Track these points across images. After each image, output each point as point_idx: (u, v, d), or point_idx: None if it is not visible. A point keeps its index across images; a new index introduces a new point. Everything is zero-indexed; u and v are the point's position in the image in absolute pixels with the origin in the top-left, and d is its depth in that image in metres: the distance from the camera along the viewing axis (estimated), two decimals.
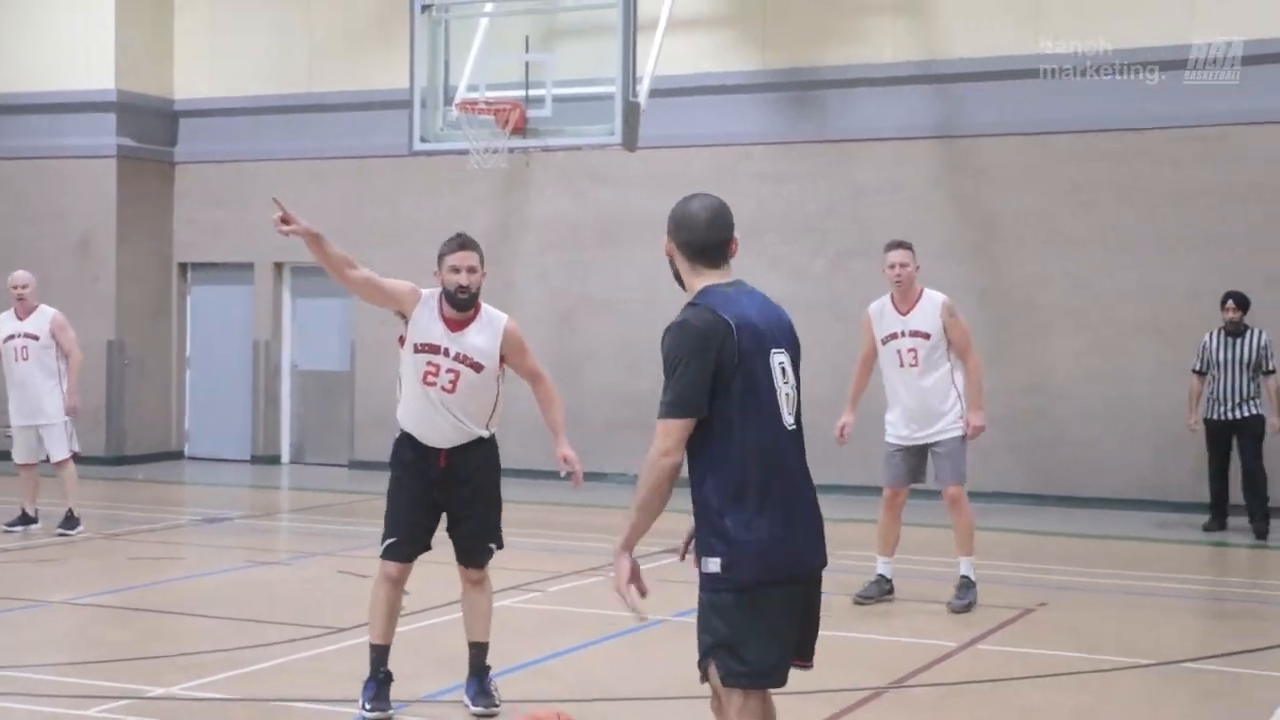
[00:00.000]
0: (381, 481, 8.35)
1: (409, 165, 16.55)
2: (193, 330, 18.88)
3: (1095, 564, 11.21)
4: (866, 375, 9.58)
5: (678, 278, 4.70)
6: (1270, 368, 12.88)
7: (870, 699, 6.96)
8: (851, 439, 9.38)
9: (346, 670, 7.60)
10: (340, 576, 10.47)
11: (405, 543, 6.70)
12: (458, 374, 6.59)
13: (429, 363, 6.60)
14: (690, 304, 4.51)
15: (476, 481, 6.71)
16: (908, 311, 9.28)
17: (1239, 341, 12.92)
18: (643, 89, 13.38)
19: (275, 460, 18.28)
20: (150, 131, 18.31)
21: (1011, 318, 14.72)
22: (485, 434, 6.73)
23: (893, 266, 9.24)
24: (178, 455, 18.67)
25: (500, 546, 6.89)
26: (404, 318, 6.69)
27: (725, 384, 4.31)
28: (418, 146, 14.19)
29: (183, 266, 18.82)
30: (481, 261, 6.70)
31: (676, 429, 4.32)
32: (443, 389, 6.58)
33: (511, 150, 13.96)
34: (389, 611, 6.74)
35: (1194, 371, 13.15)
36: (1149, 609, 9.72)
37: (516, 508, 11.68)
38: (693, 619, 4.48)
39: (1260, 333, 12.94)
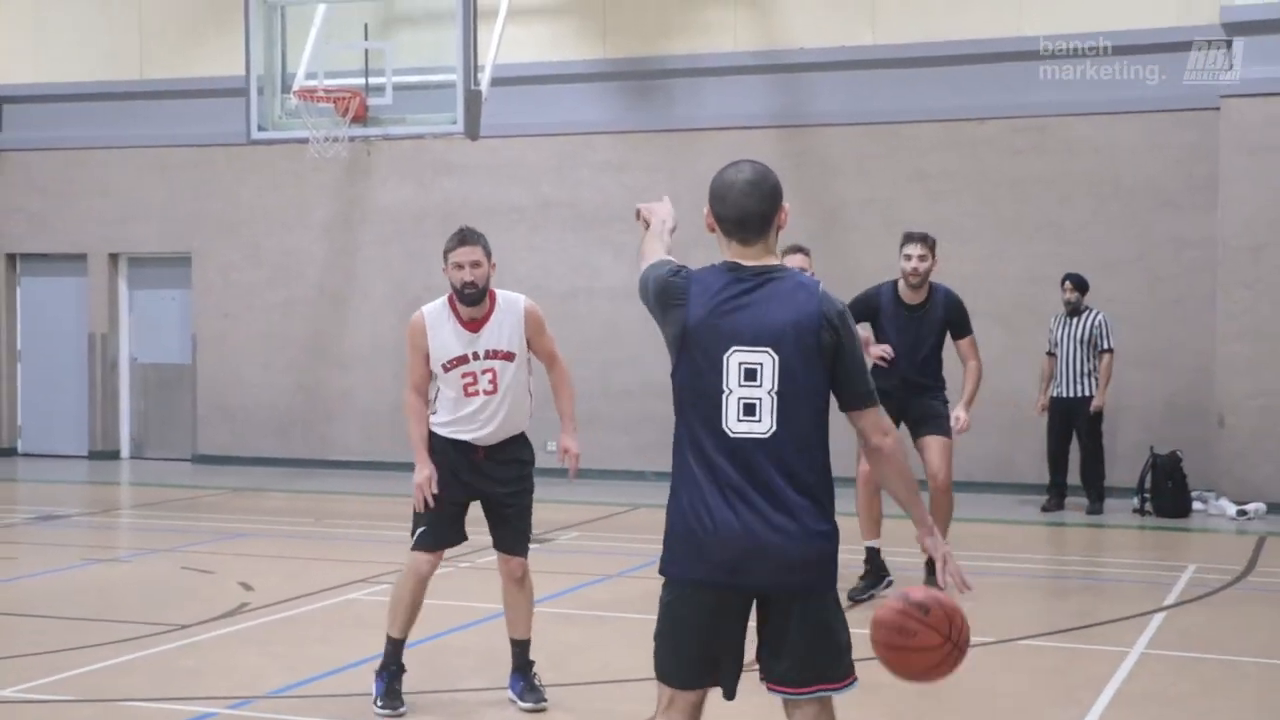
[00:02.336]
0: (226, 475, 8.20)
1: (247, 154, 16.26)
2: (23, 323, 18.31)
3: None
4: None
5: None
6: (1106, 346, 13.28)
7: None
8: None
9: (192, 666, 7.47)
10: (184, 573, 10.25)
11: (435, 530, 6.55)
12: (494, 371, 6.48)
13: (464, 374, 6.47)
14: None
15: (514, 470, 6.59)
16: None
17: (1076, 321, 13.32)
18: (484, 77, 13.33)
19: (114, 455, 17.82)
20: None
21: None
22: (526, 424, 6.65)
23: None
24: (9, 452, 18.11)
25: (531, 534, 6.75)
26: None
27: (675, 362, 4.09)
28: (256, 135, 13.97)
29: (10, 258, 18.26)
30: (487, 254, 6.45)
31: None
32: (485, 392, 6.47)
33: (352, 139, 13.81)
34: (413, 604, 6.59)
35: (1046, 353, 13.54)
36: (991, 588, 9.92)
37: (359, 500, 11.52)
38: (542, 608, 4.45)
39: (1097, 313, 13.34)
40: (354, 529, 12.30)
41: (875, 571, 9.17)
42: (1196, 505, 13.27)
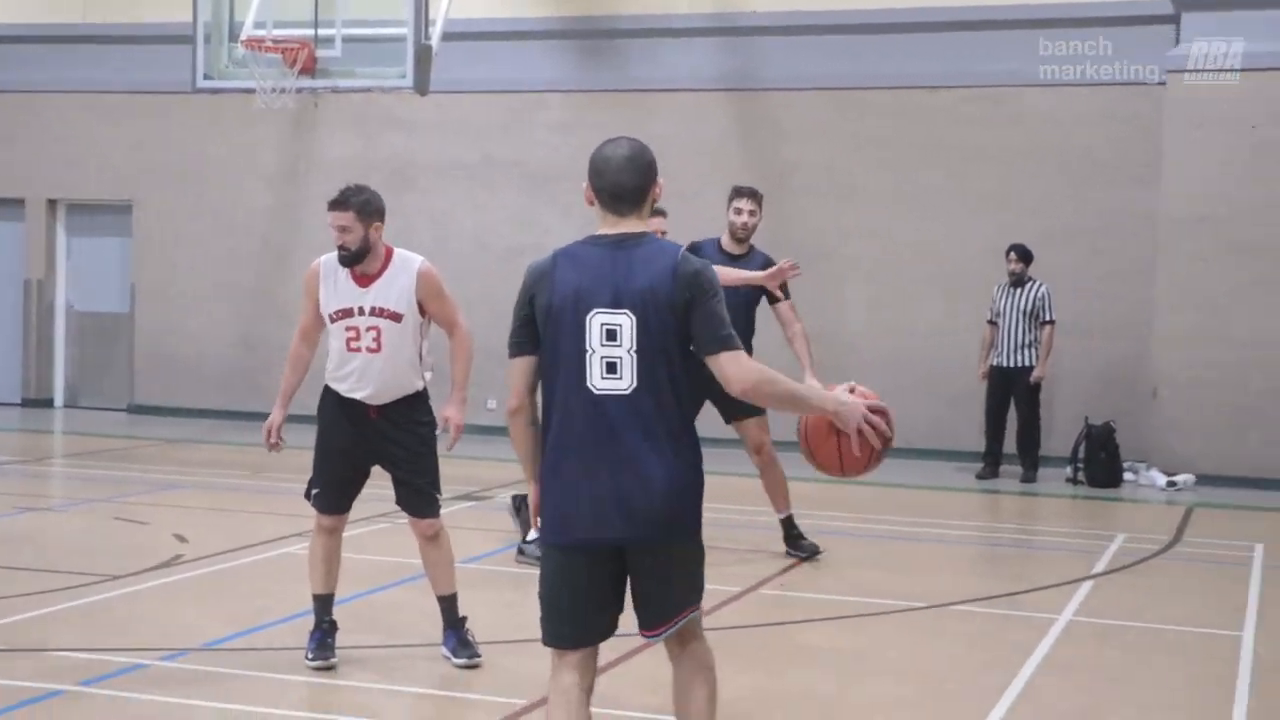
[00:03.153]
0: (163, 425, 8.17)
1: (193, 102, 16.05)
2: None
3: (875, 511, 11.53)
4: None
5: None
6: (1048, 318, 13.40)
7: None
8: None
9: (125, 617, 7.43)
10: (117, 524, 10.18)
11: (328, 492, 6.58)
12: (379, 330, 6.41)
13: (348, 328, 6.44)
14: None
15: (409, 432, 6.52)
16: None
17: (1019, 292, 13.44)
18: (435, 32, 13.23)
19: (48, 404, 17.64)
20: None
21: (804, 270, 14.81)
22: (420, 386, 6.57)
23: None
24: None
25: (440, 494, 6.66)
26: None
27: (542, 336, 4.34)
28: (201, 83, 13.86)
29: None
30: (363, 216, 6.39)
31: (513, 368, 4.40)
32: (369, 350, 6.42)
33: (300, 90, 13.69)
34: (326, 560, 6.61)
35: (988, 322, 13.65)
36: (924, 554, 10.06)
37: (299, 453, 11.48)
38: (480, 565, 4.48)
39: (1040, 284, 13.46)
40: (293, 482, 12.15)
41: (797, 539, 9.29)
42: (1128, 475, 13.44)
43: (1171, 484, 13.11)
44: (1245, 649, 7.38)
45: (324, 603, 6.65)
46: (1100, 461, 13.32)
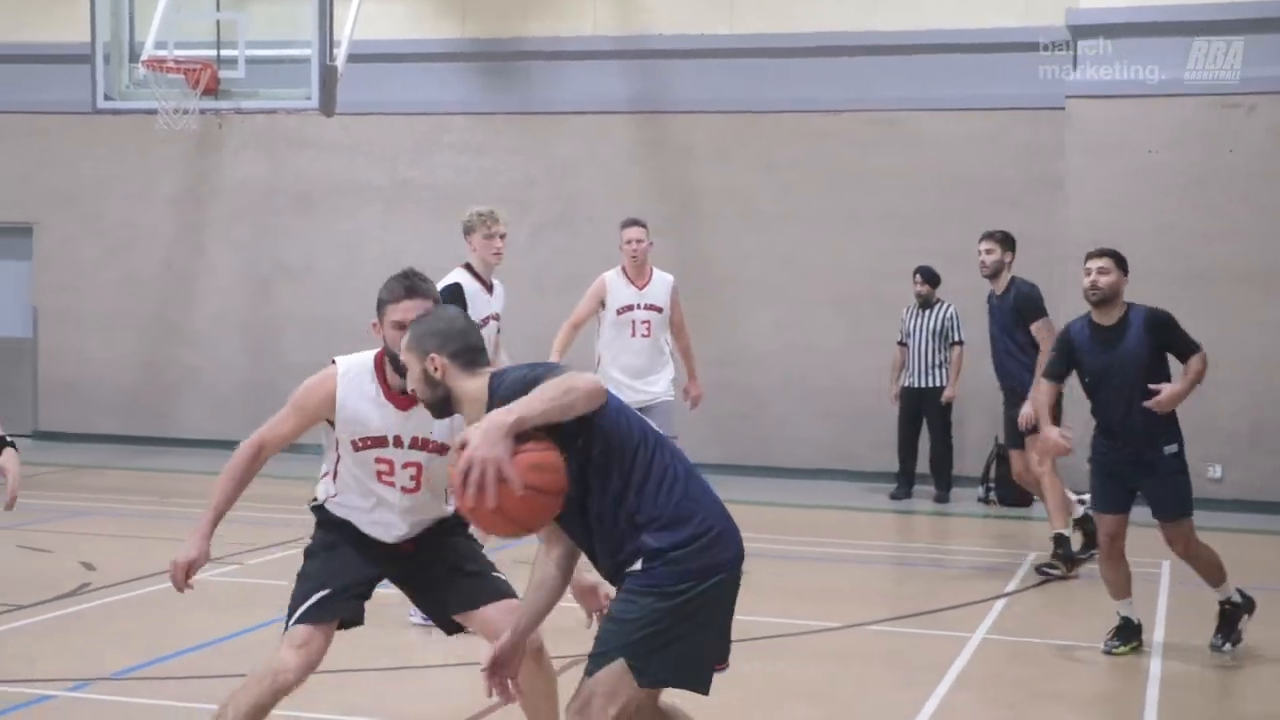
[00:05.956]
0: (68, 451, 8.00)
1: (92, 124, 15.77)
2: None
3: (787, 531, 11.58)
4: (573, 338, 9.77)
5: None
6: (957, 339, 13.57)
7: (569, 666, 7.03)
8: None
9: (30, 648, 7.28)
10: (20, 552, 9.97)
11: None
12: (419, 465, 5.06)
13: (378, 458, 5.07)
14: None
15: None
16: (643, 286, 9.71)
17: (928, 313, 13.60)
18: (340, 53, 13.15)
19: None
20: None
21: (709, 292, 15.03)
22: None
23: (629, 242, 9.68)
24: None
25: None
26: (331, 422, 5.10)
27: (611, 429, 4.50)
28: (101, 104, 13.63)
29: None
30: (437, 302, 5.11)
31: None
32: (404, 489, 5.11)
33: (203, 111, 13.52)
34: None
35: (898, 343, 13.79)
36: (839, 574, 10.12)
37: (204, 479, 11.37)
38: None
39: (948, 305, 13.62)
40: (199, 508, 11.99)
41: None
42: None
43: (1082, 502, 13.26)
44: (1153, 665, 7.50)
45: None
46: (1011, 481, 13.43)
